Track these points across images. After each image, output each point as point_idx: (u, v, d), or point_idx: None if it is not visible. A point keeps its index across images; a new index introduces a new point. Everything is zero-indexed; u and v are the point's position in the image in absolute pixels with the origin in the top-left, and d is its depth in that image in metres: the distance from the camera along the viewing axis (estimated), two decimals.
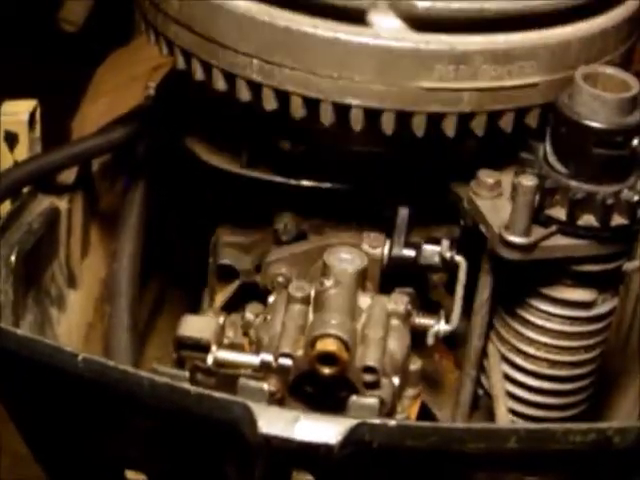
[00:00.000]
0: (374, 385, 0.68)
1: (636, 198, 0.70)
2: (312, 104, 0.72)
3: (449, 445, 0.60)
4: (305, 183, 0.80)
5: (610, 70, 0.70)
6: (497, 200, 0.74)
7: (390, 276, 0.79)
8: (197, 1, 0.73)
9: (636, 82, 0.70)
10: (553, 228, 0.71)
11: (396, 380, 0.71)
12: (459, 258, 0.75)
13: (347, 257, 0.74)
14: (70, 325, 0.93)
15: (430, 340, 0.75)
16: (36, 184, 0.91)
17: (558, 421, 0.63)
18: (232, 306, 0.84)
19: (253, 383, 0.66)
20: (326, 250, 0.74)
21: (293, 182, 0.80)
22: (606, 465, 0.63)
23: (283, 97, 0.72)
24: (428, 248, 0.76)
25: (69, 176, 0.94)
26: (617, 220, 0.71)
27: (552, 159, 0.72)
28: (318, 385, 0.69)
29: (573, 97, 0.68)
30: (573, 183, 0.71)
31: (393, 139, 0.73)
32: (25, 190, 0.91)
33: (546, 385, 0.77)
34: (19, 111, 1.11)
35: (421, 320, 0.75)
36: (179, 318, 0.74)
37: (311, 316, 0.71)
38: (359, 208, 0.82)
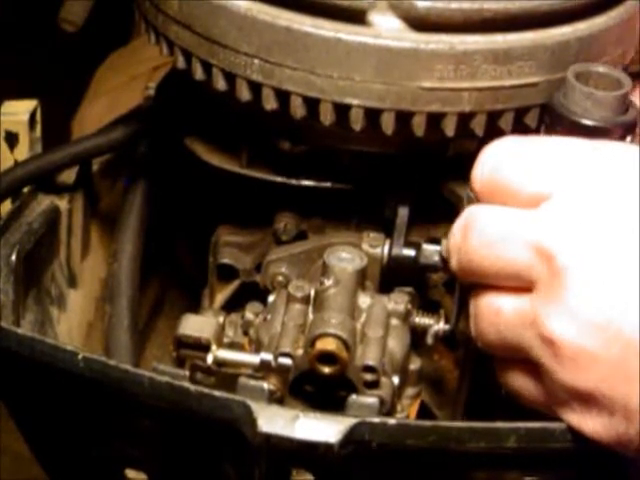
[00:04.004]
0: (374, 384, 0.68)
1: None
2: (312, 104, 0.72)
3: (448, 444, 0.61)
4: (305, 183, 0.80)
5: (602, 68, 0.70)
6: None
7: (390, 276, 0.79)
8: (197, 1, 0.73)
9: (628, 80, 0.70)
10: None
11: (396, 379, 0.71)
12: None
13: (347, 257, 0.74)
14: (71, 324, 0.93)
15: (430, 340, 0.75)
16: (36, 184, 0.91)
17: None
18: (232, 305, 0.84)
19: (253, 382, 0.66)
20: (326, 250, 0.75)
21: (293, 182, 0.80)
22: (606, 464, 0.63)
23: (283, 97, 0.72)
24: (428, 248, 0.76)
25: (69, 176, 0.94)
26: None
27: None
28: (318, 384, 0.69)
29: (567, 96, 0.69)
30: None
31: (393, 139, 0.73)
32: (25, 190, 0.91)
33: None
34: (19, 111, 1.12)
35: (421, 320, 0.75)
36: (179, 317, 0.74)
37: (311, 315, 0.71)
38: (359, 208, 0.82)
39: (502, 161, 0.63)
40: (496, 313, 0.62)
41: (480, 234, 0.63)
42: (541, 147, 0.63)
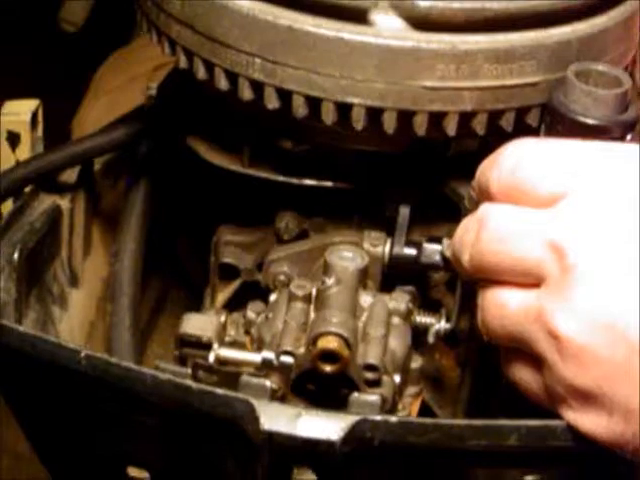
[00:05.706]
0: (375, 383, 0.69)
1: None
2: (314, 103, 0.72)
3: (450, 442, 0.61)
4: (307, 182, 0.80)
5: (602, 67, 0.70)
6: None
7: (391, 274, 0.79)
8: (199, 0, 0.73)
9: (628, 78, 0.70)
10: None
11: (397, 378, 0.71)
12: None
13: (348, 256, 0.74)
14: (72, 323, 0.93)
15: (431, 339, 0.75)
16: (38, 183, 0.91)
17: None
18: (234, 304, 0.84)
19: (255, 380, 0.66)
20: (327, 249, 0.75)
21: (295, 181, 0.80)
22: (607, 462, 0.63)
23: (285, 96, 0.73)
24: (429, 247, 0.76)
25: (71, 175, 0.94)
26: None
27: None
28: (320, 382, 0.69)
29: (567, 95, 0.69)
30: None
31: (394, 138, 0.73)
32: (27, 189, 0.91)
33: None
34: (21, 111, 1.12)
35: (422, 319, 0.76)
36: (181, 316, 0.74)
37: (312, 314, 0.71)
38: (360, 207, 0.82)
39: (521, 162, 0.63)
40: (502, 306, 0.63)
41: (494, 230, 0.63)
42: (559, 148, 0.64)
